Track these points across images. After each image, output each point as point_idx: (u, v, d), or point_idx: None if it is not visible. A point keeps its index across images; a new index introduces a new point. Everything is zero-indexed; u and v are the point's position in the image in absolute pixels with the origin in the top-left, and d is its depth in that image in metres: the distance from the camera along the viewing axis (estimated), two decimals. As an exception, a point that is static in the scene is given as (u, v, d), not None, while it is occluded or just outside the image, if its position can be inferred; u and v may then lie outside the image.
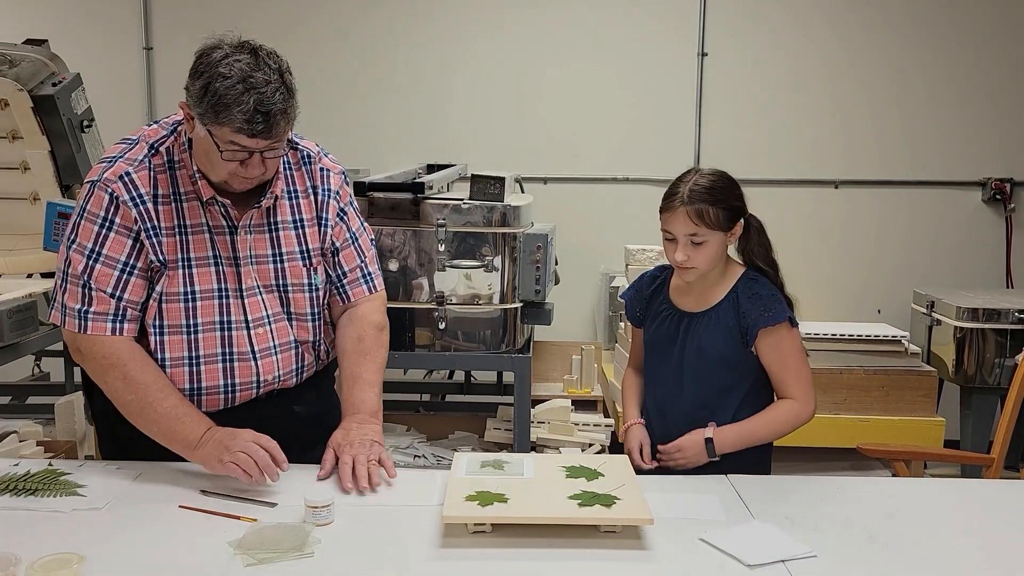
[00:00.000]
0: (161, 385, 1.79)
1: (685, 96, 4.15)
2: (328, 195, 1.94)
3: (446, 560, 1.49)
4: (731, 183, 1.99)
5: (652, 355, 2.12)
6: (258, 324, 1.87)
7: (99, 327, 1.78)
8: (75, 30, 4.16)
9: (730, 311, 2.01)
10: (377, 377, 1.96)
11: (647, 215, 4.37)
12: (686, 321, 2.05)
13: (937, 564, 1.52)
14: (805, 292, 4.18)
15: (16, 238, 3.35)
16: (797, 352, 2.02)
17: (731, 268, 2.06)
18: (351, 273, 1.99)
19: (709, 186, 1.94)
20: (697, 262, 1.96)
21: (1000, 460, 2.55)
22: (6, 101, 3.17)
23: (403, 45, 4.17)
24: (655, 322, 2.11)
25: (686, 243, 1.94)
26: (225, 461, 1.70)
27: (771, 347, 2.00)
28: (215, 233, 1.84)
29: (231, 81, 1.63)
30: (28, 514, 1.65)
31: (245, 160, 1.71)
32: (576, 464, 1.79)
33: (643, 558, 1.50)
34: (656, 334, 2.10)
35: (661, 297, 2.12)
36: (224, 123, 1.65)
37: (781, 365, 2.01)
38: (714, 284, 2.04)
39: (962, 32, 4.09)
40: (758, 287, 2.02)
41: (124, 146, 1.83)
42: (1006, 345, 3.36)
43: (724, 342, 2.01)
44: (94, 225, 1.77)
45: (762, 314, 1.98)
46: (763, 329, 1.98)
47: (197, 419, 1.78)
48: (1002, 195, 4.12)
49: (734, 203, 1.97)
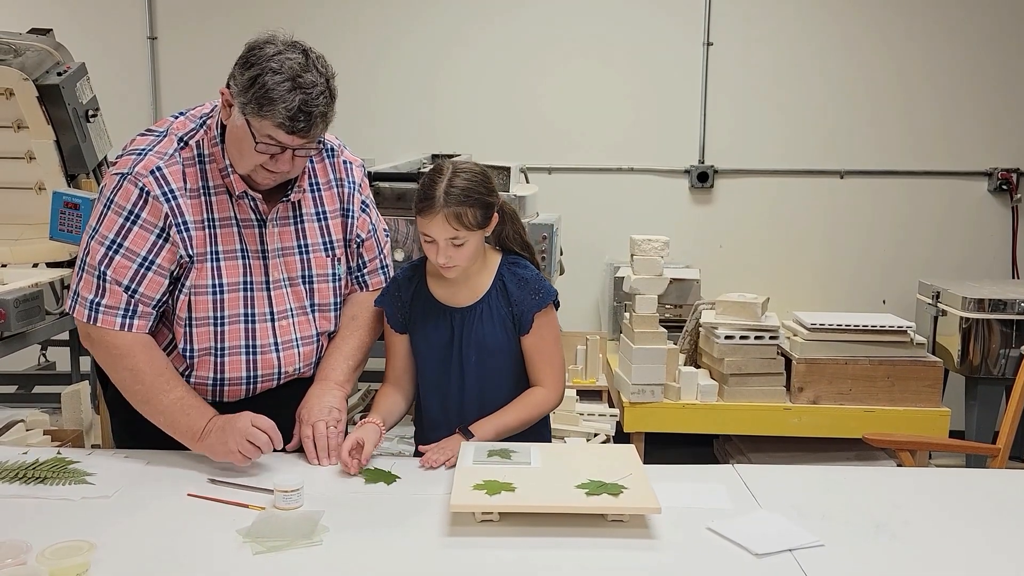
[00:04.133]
0: (168, 377, 1.81)
1: (691, 86, 4.14)
2: (353, 187, 1.98)
3: (454, 549, 1.50)
4: (485, 178, 1.89)
5: (429, 361, 1.99)
6: (282, 317, 1.90)
7: (108, 321, 1.78)
8: (80, 19, 4.15)
9: (500, 299, 1.96)
10: (356, 353, 1.99)
11: (652, 205, 4.38)
12: (458, 317, 1.95)
13: (944, 553, 1.52)
14: (810, 282, 4.23)
15: (21, 228, 3.35)
16: (556, 337, 2.00)
17: (490, 256, 1.99)
18: (371, 263, 2.04)
19: (465, 187, 1.84)
20: (459, 260, 1.87)
21: (1006, 450, 2.55)
22: (11, 90, 3.17)
23: (408, 35, 4.16)
24: (426, 326, 1.98)
25: (447, 245, 1.85)
26: (233, 452, 1.73)
27: (536, 330, 1.96)
28: (243, 226, 1.85)
29: (281, 77, 1.66)
30: (38, 502, 1.65)
31: (276, 155, 1.73)
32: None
33: (650, 547, 1.51)
34: (430, 338, 1.97)
35: (424, 297, 1.99)
36: (266, 116, 1.67)
37: (540, 350, 1.97)
38: (477, 274, 1.96)
39: (968, 22, 4.07)
40: (521, 270, 1.98)
41: (152, 138, 1.84)
42: (1011, 335, 3.36)
43: (501, 331, 1.95)
44: (119, 217, 1.77)
45: (532, 298, 1.94)
46: (537, 313, 1.95)
47: (201, 411, 1.80)
48: (1008, 185, 4.11)
49: (489, 199, 1.88)
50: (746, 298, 3.25)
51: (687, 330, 3.47)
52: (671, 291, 3.56)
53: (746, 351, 3.18)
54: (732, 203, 4.21)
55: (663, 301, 3.41)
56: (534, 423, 2.00)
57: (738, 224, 4.21)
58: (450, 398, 1.98)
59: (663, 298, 3.27)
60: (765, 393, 3.19)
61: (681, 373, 3.21)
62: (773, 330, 3.20)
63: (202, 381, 1.88)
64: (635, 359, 3.13)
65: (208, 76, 4.15)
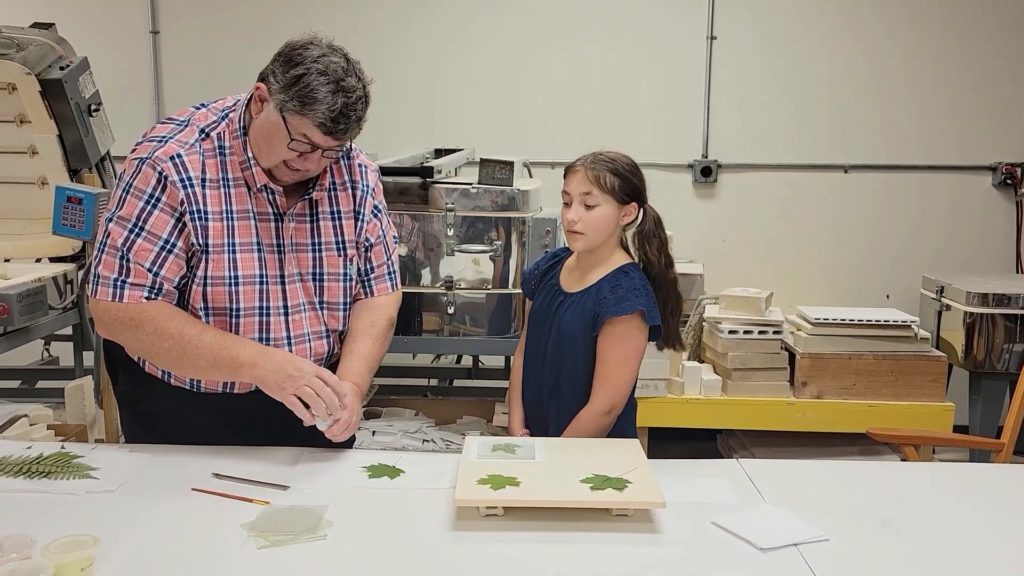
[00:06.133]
0: (195, 326, 1.80)
1: (694, 80, 4.13)
2: (367, 191, 1.99)
3: (458, 543, 1.49)
4: (635, 167, 2.05)
5: (531, 329, 2.15)
6: (295, 311, 1.90)
7: (135, 296, 1.78)
8: (82, 14, 4.14)
9: (592, 295, 2.01)
10: (373, 359, 1.98)
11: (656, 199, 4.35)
12: (560, 299, 2.07)
13: (949, 548, 1.52)
14: (814, 277, 4.22)
15: (24, 222, 3.36)
16: (626, 353, 1.98)
17: (615, 257, 2.06)
18: (378, 269, 2.03)
19: (612, 158, 2.02)
20: (586, 226, 1.99)
21: (1010, 445, 2.55)
22: (14, 85, 3.17)
23: (411, 29, 4.15)
24: (539, 296, 2.15)
25: (579, 203, 2.00)
26: (289, 391, 1.74)
27: (607, 336, 1.98)
28: (260, 220, 1.85)
29: (325, 79, 1.69)
30: (42, 496, 1.65)
31: (305, 153, 1.74)
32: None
33: (655, 541, 1.50)
34: (537, 308, 2.14)
35: (553, 273, 2.15)
36: (307, 115, 1.69)
37: (604, 359, 1.99)
38: (594, 267, 2.05)
39: (973, 16, 4.05)
40: (626, 279, 2.00)
41: (173, 126, 1.84)
42: (1016, 330, 3.35)
43: (579, 323, 2.01)
44: (139, 200, 1.77)
45: (614, 302, 1.97)
46: (610, 318, 1.96)
47: (242, 343, 1.81)
48: (1012, 180, 4.10)
49: (632, 180, 2.02)
50: (749, 293, 3.24)
51: (691, 325, 3.46)
52: (674, 286, 3.55)
53: (750, 346, 3.18)
54: (736, 198, 4.20)
55: (666, 296, 3.39)
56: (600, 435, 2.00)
57: (741, 219, 4.20)
58: (534, 370, 2.11)
59: (666, 293, 3.26)
60: (769, 388, 3.18)
61: (685, 368, 3.21)
62: (777, 325, 3.19)
63: None
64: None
65: (210, 70, 4.16)
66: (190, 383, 1.90)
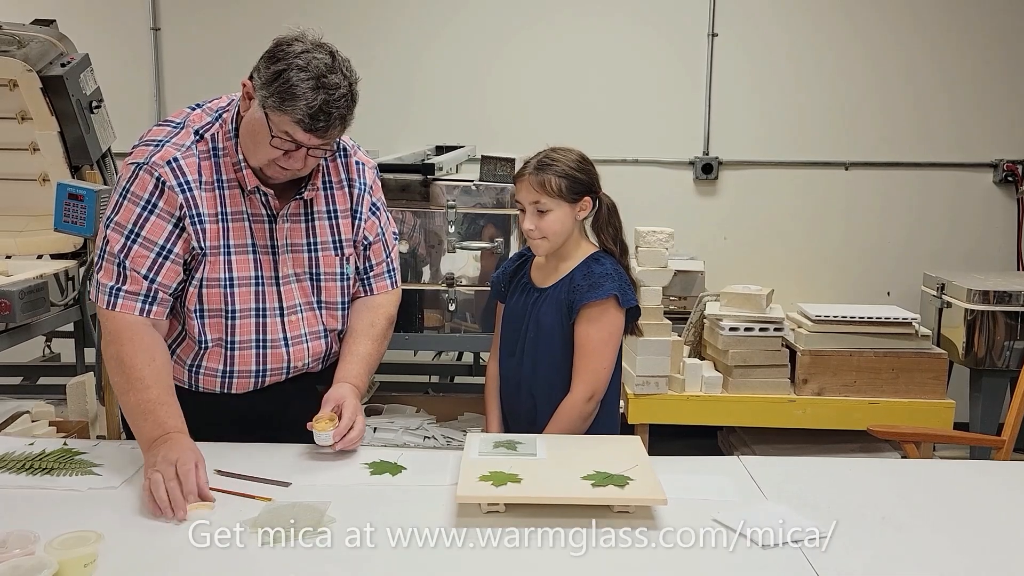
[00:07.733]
0: (147, 374, 1.73)
1: (695, 77, 4.13)
2: (364, 189, 1.97)
3: (459, 540, 1.49)
4: (582, 160, 2.03)
5: (507, 329, 2.15)
6: (291, 312, 1.89)
7: (128, 306, 1.77)
8: (83, 10, 4.14)
9: (566, 285, 2.03)
10: (372, 359, 1.98)
11: (657, 197, 4.37)
12: (535, 295, 2.09)
13: (950, 545, 1.52)
14: (814, 274, 4.22)
15: (26, 219, 3.35)
16: (604, 338, 2.00)
17: (582, 247, 2.09)
18: (377, 267, 2.02)
19: (555, 159, 2.00)
20: (544, 231, 2.00)
21: (1011, 442, 2.55)
22: (15, 82, 3.17)
23: (411, 27, 4.15)
24: (513, 296, 2.16)
25: (532, 212, 2.00)
26: (148, 474, 1.61)
27: (583, 322, 2.00)
28: (253, 221, 1.85)
29: (306, 75, 1.66)
30: (44, 493, 1.66)
31: (290, 151, 1.73)
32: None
33: (656, 538, 1.50)
34: (512, 308, 2.15)
35: (523, 273, 2.16)
36: (286, 112, 1.67)
37: (581, 345, 2.01)
38: (563, 260, 2.07)
39: (973, 13, 4.05)
40: (597, 266, 2.03)
41: (169, 129, 1.83)
42: (1016, 328, 3.35)
43: (556, 314, 2.03)
44: (136, 207, 1.77)
45: (588, 289, 1.99)
46: (585, 304, 1.98)
47: (161, 420, 1.70)
48: (1013, 177, 4.10)
49: (579, 176, 2.00)
50: (750, 290, 3.24)
51: (691, 322, 3.46)
52: (675, 283, 3.55)
53: (750, 343, 3.18)
54: (736, 195, 4.20)
55: (667, 293, 3.40)
56: (582, 428, 2.01)
57: (742, 216, 4.20)
58: (511, 367, 2.12)
59: (667, 290, 3.26)
60: (769, 385, 3.19)
61: (686, 365, 3.21)
62: (777, 322, 3.19)
63: (211, 372, 1.88)
64: (640, 351, 3.13)
65: (212, 67, 4.16)
66: (189, 382, 1.90)
